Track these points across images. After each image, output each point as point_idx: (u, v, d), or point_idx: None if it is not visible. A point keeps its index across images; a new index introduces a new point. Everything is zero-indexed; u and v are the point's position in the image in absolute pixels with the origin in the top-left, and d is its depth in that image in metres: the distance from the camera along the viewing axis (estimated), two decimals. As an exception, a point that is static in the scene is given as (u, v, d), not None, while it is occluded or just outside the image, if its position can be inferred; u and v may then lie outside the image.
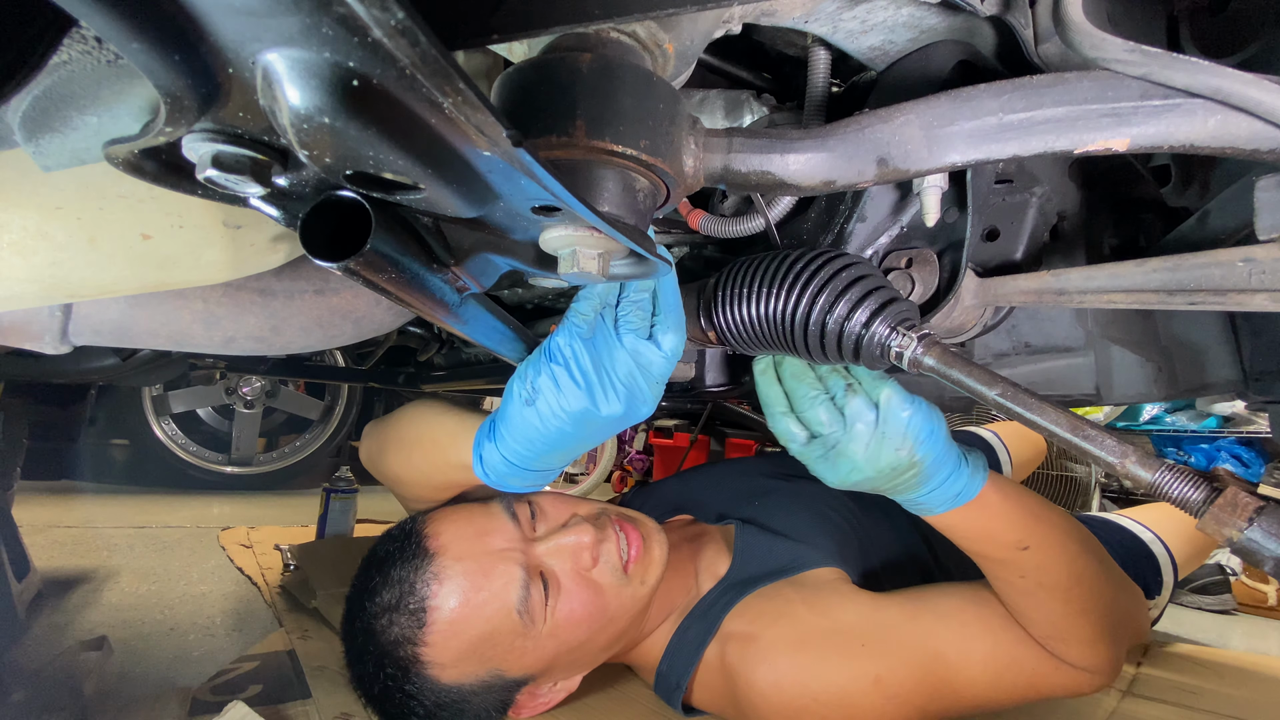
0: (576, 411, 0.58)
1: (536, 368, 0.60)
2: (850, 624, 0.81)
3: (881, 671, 0.76)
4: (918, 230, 0.68)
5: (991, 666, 0.76)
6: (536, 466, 0.65)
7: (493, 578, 0.72)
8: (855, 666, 0.77)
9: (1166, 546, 1.31)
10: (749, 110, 0.70)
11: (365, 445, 0.89)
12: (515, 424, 0.62)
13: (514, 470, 0.65)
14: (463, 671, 0.73)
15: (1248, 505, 0.44)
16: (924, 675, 0.77)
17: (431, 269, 0.46)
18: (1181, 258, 0.51)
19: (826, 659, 0.78)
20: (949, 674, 0.77)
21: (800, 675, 0.78)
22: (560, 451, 0.63)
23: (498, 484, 0.67)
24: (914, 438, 0.61)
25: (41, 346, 0.60)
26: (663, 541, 0.85)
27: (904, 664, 0.77)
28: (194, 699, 1.02)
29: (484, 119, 0.28)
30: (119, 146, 0.32)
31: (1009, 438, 1.71)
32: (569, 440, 0.61)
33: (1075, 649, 0.74)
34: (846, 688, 0.77)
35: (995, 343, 0.84)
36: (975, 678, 0.77)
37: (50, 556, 1.71)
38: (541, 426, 0.60)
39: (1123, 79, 0.44)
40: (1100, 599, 0.73)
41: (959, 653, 0.77)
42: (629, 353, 0.58)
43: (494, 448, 0.65)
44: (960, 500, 0.66)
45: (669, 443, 3.14)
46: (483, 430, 0.68)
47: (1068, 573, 0.71)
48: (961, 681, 0.77)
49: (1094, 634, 0.73)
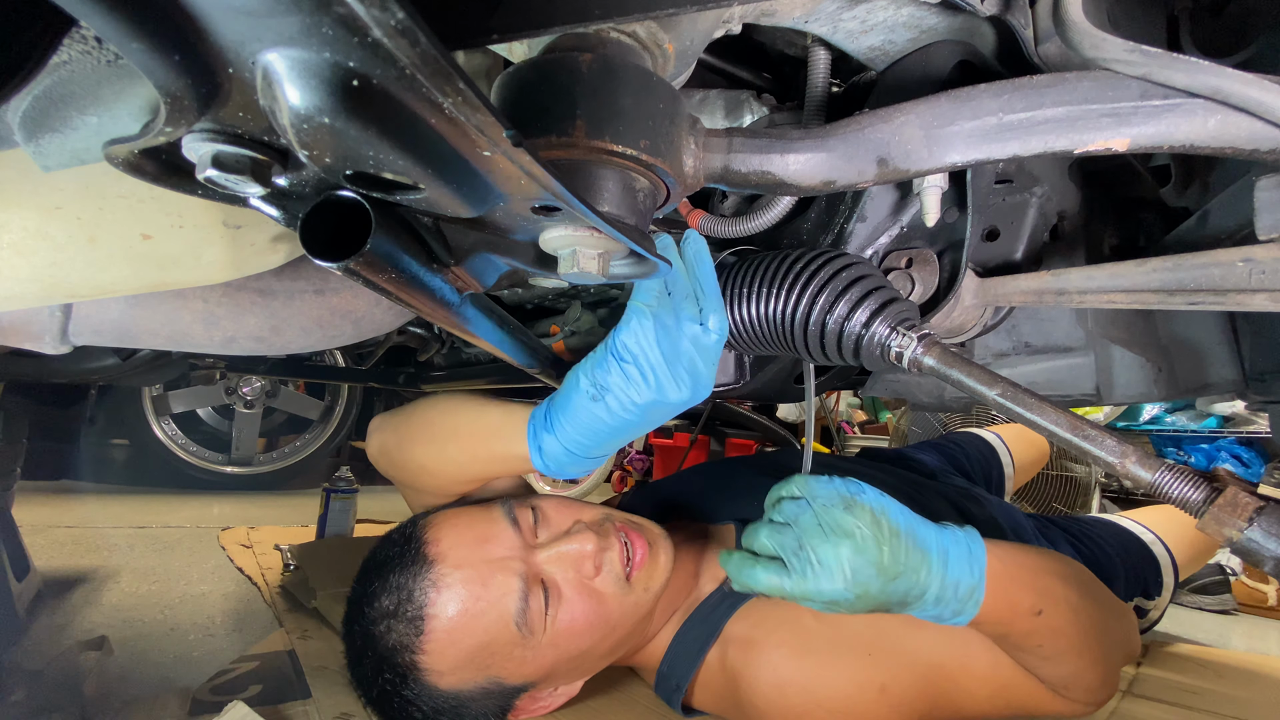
0: (646, 403, 0.61)
1: (604, 366, 0.61)
2: (857, 633, 0.80)
3: (887, 680, 0.77)
4: (918, 230, 0.68)
5: (990, 684, 0.77)
6: (597, 454, 0.67)
7: (490, 588, 0.71)
8: (862, 675, 0.77)
9: (1167, 548, 1.31)
10: (749, 110, 0.70)
11: (379, 439, 0.87)
12: (580, 418, 0.63)
13: (575, 459, 0.67)
14: (461, 678, 0.72)
15: (1248, 505, 0.44)
16: (926, 685, 0.77)
17: (431, 269, 0.45)
18: (1181, 258, 0.51)
19: (832, 666, 0.78)
20: (949, 685, 0.77)
21: (805, 681, 0.78)
22: (623, 438, 0.65)
23: (557, 472, 0.69)
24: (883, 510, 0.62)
25: (41, 346, 0.60)
26: (669, 548, 0.84)
27: (908, 674, 0.77)
28: (194, 699, 1.02)
29: (484, 119, 0.28)
30: (119, 146, 0.32)
31: (1012, 440, 1.69)
32: (634, 428, 0.64)
33: (1080, 693, 0.74)
34: (853, 696, 0.77)
35: (995, 343, 0.84)
36: (974, 691, 0.77)
37: (50, 556, 1.71)
38: (610, 419, 0.62)
39: (1123, 79, 0.44)
40: (1105, 641, 0.72)
41: (960, 667, 0.77)
42: (690, 340, 0.60)
43: (554, 439, 0.66)
44: (961, 618, 0.64)
45: (669, 443, 3.14)
46: (538, 422, 0.69)
47: (1078, 628, 0.69)
48: (960, 694, 0.77)
49: (1101, 677, 0.73)
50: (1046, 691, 0.75)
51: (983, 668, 0.76)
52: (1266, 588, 1.90)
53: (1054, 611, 0.67)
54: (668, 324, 0.60)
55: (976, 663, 0.77)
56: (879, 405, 3.42)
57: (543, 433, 0.68)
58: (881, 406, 3.40)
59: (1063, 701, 0.76)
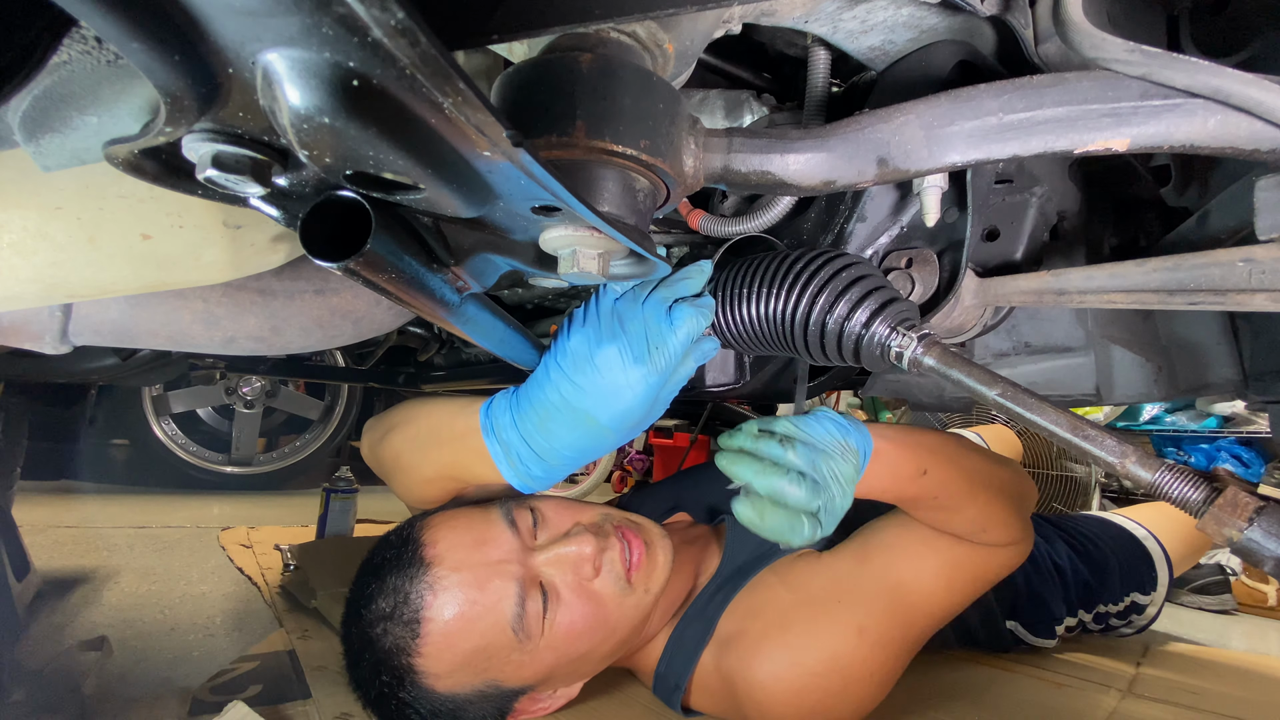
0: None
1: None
2: (821, 588, 0.85)
3: (861, 620, 0.81)
4: (918, 230, 0.68)
5: (942, 575, 0.84)
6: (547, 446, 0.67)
7: (487, 591, 0.71)
8: (836, 624, 0.81)
9: (1161, 544, 1.32)
10: (749, 110, 0.70)
11: (368, 439, 0.88)
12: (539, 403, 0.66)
13: (534, 456, 0.68)
14: (458, 681, 0.72)
15: (1248, 505, 0.44)
16: (895, 608, 0.82)
17: (431, 269, 0.46)
18: (1181, 258, 0.51)
19: (810, 630, 0.81)
20: (913, 598, 0.83)
21: (793, 655, 0.80)
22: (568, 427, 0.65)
23: (524, 474, 0.69)
24: (846, 437, 0.68)
25: (41, 346, 0.60)
26: (668, 548, 0.84)
27: (876, 605, 0.82)
28: (194, 699, 1.02)
29: (484, 119, 0.28)
30: (119, 146, 0.32)
31: (992, 440, 1.80)
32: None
33: (995, 532, 0.82)
34: (836, 648, 0.80)
35: (995, 343, 0.84)
36: (934, 590, 0.84)
37: (50, 556, 1.71)
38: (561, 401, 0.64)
39: (1123, 79, 0.44)
40: (996, 482, 0.81)
41: (914, 574, 0.83)
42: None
43: (514, 431, 0.67)
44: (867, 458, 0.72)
45: (669, 443, 3.14)
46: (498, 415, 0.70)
47: (964, 477, 0.78)
48: (924, 600, 0.83)
49: (1004, 513, 0.81)
50: (981, 550, 0.84)
51: (931, 566, 0.84)
52: (1266, 588, 1.90)
53: (937, 469, 0.76)
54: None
55: (925, 565, 0.83)
56: (879, 405, 3.42)
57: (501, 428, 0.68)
58: (881, 406, 3.40)
59: (997, 553, 0.85)
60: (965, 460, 0.80)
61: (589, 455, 0.66)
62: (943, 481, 0.77)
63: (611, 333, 0.60)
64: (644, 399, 0.61)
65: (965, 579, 0.85)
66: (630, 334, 0.60)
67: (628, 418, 0.62)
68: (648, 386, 0.60)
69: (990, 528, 0.82)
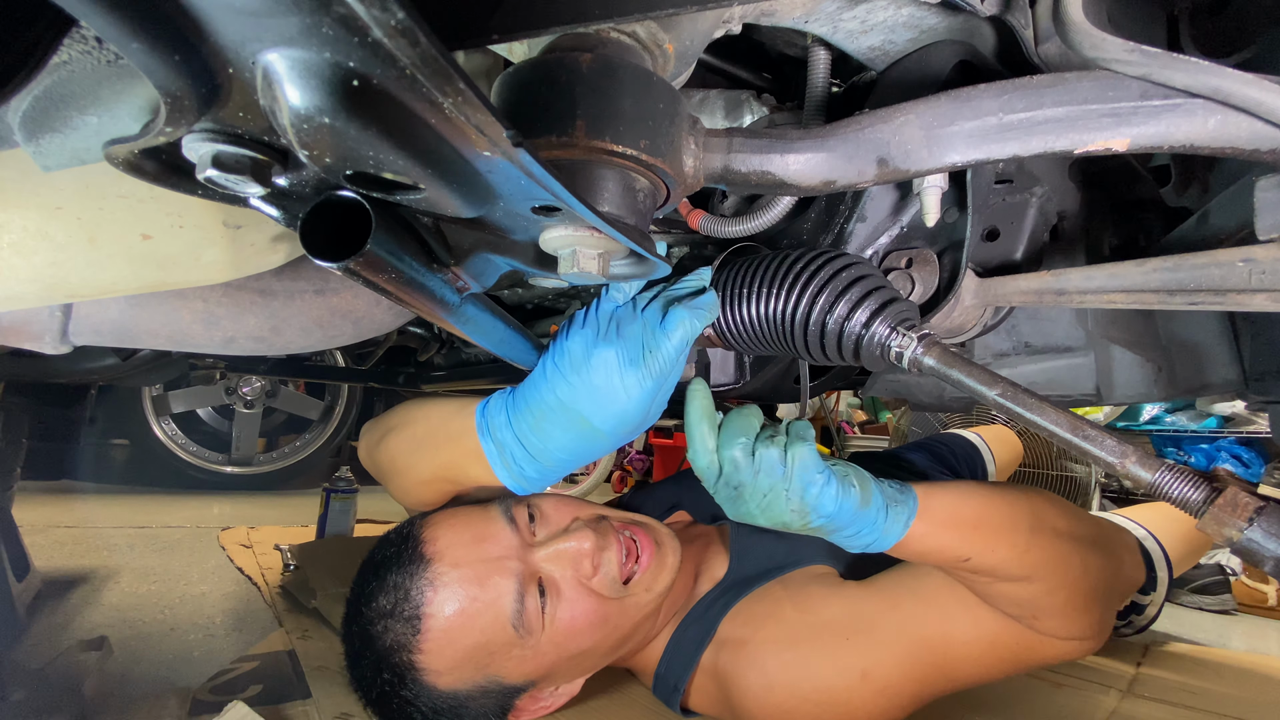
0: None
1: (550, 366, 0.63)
2: (834, 618, 0.81)
3: (868, 665, 0.76)
4: (918, 230, 0.68)
5: (976, 646, 0.76)
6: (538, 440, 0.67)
7: (487, 588, 0.71)
8: (841, 661, 0.77)
9: (1160, 544, 1.32)
10: (749, 110, 0.70)
11: (365, 441, 0.88)
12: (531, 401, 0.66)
13: (524, 452, 0.68)
14: (459, 678, 0.72)
15: (1248, 505, 0.44)
16: (913, 663, 0.77)
17: (431, 269, 0.46)
18: (1181, 258, 0.51)
19: (812, 657, 0.79)
20: (936, 658, 0.77)
21: (789, 675, 0.78)
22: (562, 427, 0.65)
23: (518, 475, 0.69)
24: (813, 508, 0.62)
25: (41, 346, 0.60)
26: (676, 548, 0.84)
27: (891, 654, 0.77)
28: (194, 699, 1.02)
29: (484, 119, 0.28)
30: (119, 146, 0.32)
31: (992, 440, 1.76)
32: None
33: (1050, 624, 0.74)
34: (834, 683, 0.77)
35: (995, 343, 0.84)
36: (963, 657, 0.77)
37: (50, 556, 1.71)
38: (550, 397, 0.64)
39: (1123, 79, 0.44)
40: (1066, 573, 0.72)
41: (942, 636, 0.77)
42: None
43: (509, 430, 0.68)
44: (872, 549, 0.67)
45: (669, 443, 3.15)
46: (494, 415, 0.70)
47: (1020, 565, 0.69)
48: (950, 663, 0.77)
49: (1066, 608, 0.72)
50: (1029, 635, 0.75)
51: (964, 633, 0.76)
52: (1266, 588, 1.90)
53: (988, 554, 0.68)
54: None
55: (958, 630, 0.76)
56: (879, 405, 3.42)
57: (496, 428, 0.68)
58: (881, 407, 3.41)
59: (1049, 643, 0.75)
60: (1033, 547, 0.70)
61: (583, 457, 0.66)
62: (990, 568, 0.69)
63: (608, 336, 0.61)
64: (639, 402, 0.61)
65: (1002, 659, 0.77)
66: (626, 337, 0.60)
67: (622, 421, 0.62)
68: (642, 390, 0.60)
69: (1044, 617, 0.73)
